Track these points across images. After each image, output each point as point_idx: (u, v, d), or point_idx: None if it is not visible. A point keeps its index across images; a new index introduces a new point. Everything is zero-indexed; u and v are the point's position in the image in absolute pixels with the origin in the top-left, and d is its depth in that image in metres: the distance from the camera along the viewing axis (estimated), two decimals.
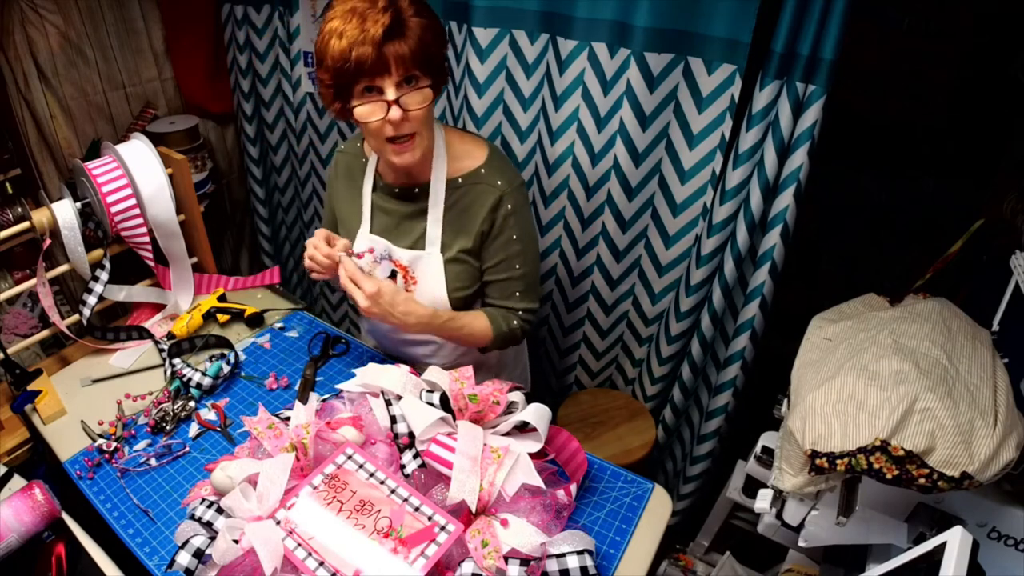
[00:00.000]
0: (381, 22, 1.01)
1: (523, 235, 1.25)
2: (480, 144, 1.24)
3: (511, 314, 1.30)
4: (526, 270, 1.27)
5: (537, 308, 1.34)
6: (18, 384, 1.36)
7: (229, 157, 2.42)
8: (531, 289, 1.31)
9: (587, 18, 1.43)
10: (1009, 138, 1.69)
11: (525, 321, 1.32)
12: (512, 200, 1.21)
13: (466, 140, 1.25)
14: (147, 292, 1.60)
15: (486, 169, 1.21)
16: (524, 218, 1.25)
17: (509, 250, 1.24)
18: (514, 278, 1.27)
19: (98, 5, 1.88)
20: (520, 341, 1.37)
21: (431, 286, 1.25)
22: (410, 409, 1.09)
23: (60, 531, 1.07)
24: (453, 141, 1.23)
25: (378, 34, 1.01)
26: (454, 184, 1.21)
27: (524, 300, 1.30)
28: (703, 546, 1.70)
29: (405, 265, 1.27)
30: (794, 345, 1.14)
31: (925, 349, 0.96)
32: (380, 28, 1.01)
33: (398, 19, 1.03)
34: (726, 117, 1.42)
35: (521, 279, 1.28)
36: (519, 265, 1.26)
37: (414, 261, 1.25)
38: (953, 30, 1.90)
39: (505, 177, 1.21)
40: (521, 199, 1.23)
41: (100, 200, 1.39)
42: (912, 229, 2.09)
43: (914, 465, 0.84)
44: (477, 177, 1.21)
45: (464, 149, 1.23)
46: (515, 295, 1.29)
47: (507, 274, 1.27)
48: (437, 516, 0.97)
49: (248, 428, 1.09)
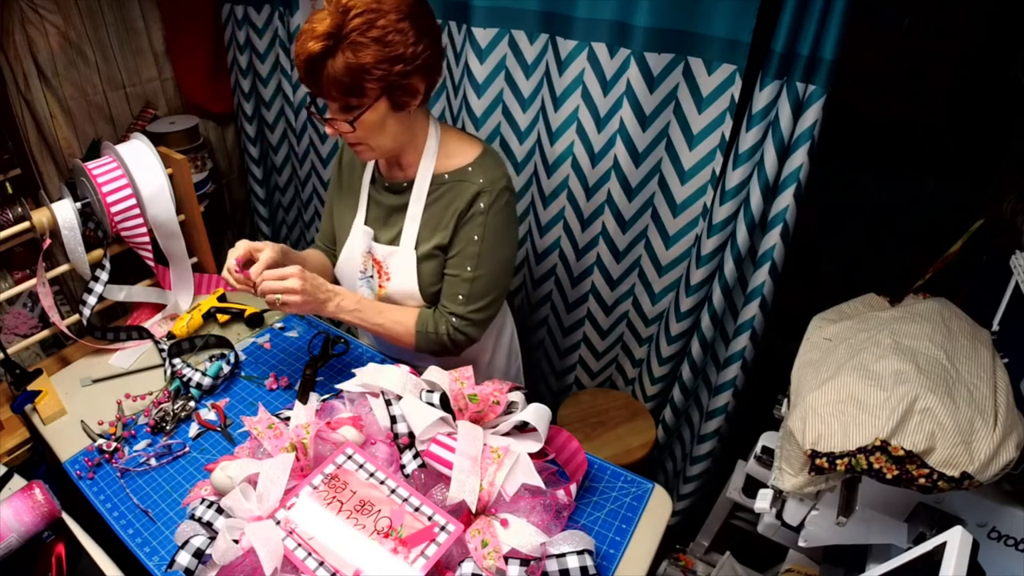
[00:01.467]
0: (308, 50, 1.03)
1: (488, 238, 1.19)
2: (475, 144, 1.24)
3: (443, 319, 1.24)
4: (477, 275, 1.20)
5: (479, 320, 1.24)
6: (18, 384, 1.36)
7: (229, 157, 2.42)
8: (477, 297, 1.22)
9: (587, 18, 1.43)
10: (1009, 138, 1.69)
11: (459, 331, 1.23)
12: (488, 199, 1.18)
13: (463, 140, 1.24)
14: (147, 292, 1.60)
15: (473, 167, 1.20)
16: (497, 222, 1.19)
17: (467, 248, 1.20)
18: (462, 279, 1.21)
19: (98, 5, 1.88)
20: (450, 352, 1.27)
21: (403, 281, 1.26)
22: (410, 409, 1.09)
23: (60, 531, 1.07)
24: (449, 140, 1.23)
25: (305, 59, 1.04)
26: (440, 180, 1.21)
27: (465, 306, 1.22)
28: (703, 546, 1.70)
29: (380, 260, 1.29)
30: (794, 345, 1.14)
31: (925, 349, 0.96)
32: (304, 56, 1.03)
33: (333, 47, 1.02)
34: (726, 117, 1.42)
35: (469, 282, 1.21)
36: (471, 267, 1.20)
37: (388, 256, 1.27)
38: (953, 30, 1.90)
39: (488, 176, 1.19)
40: (499, 202, 1.19)
41: (100, 200, 1.39)
42: (912, 229, 2.09)
43: (914, 465, 0.84)
44: (463, 174, 1.20)
45: (458, 147, 1.23)
46: (457, 297, 1.22)
47: (456, 271, 1.22)
48: (437, 516, 0.97)
49: (248, 428, 1.09)
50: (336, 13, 1.02)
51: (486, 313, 1.25)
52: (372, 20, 1.02)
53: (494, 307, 1.27)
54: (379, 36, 1.02)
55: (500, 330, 1.45)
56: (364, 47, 1.02)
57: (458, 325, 1.24)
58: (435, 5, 1.63)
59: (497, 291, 1.25)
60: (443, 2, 1.62)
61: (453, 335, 1.24)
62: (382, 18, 1.02)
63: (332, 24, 1.01)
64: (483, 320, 1.25)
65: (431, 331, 1.24)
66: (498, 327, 1.44)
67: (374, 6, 1.02)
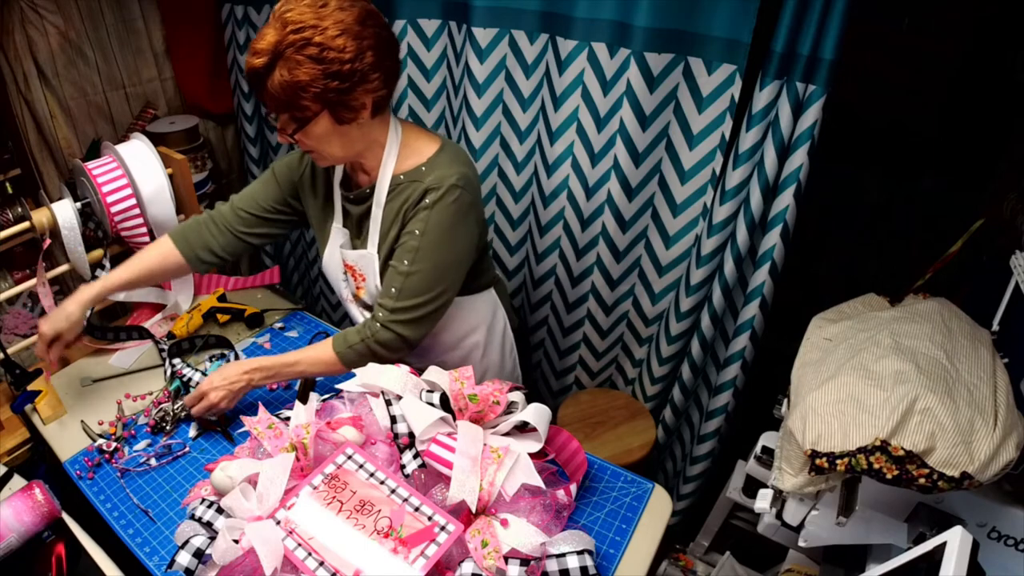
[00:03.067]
0: (250, 64, 1.04)
1: (430, 233, 1.15)
2: (433, 143, 1.21)
3: (370, 320, 1.21)
4: (413, 270, 1.16)
5: (410, 320, 1.18)
6: (18, 384, 1.36)
7: (229, 157, 2.42)
8: (410, 294, 1.17)
9: (587, 18, 1.43)
10: (1009, 138, 1.69)
11: (386, 327, 1.18)
12: (434, 195, 1.14)
13: (420, 138, 1.22)
14: (147, 292, 1.60)
15: (427, 166, 1.19)
16: (442, 218, 1.15)
17: (407, 242, 1.17)
18: (397, 271, 1.17)
19: (98, 5, 1.88)
20: (383, 357, 1.20)
21: (372, 283, 1.28)
22: (410, 409, 1.09)
23: (60, 531, 1.07)
24: (409, 140, 1.22)
25: (248, 73, 1.06)
26: (396, 182, 1.20)
27: (396, 300, 1.17)
28: (703, 546, 1.70)
29: (351, 264, 1.30)
30: (794, 345, 1.14)
31: (925, 349, 0.96)
32: (248, 70, 1.05)
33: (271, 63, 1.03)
34: (726, 117, 1.42)
35: (404, 276, 1.16)
36: (408, 262, 1.16)
37: (358, 260, 1.29)
38: (953, 30, 1.90)
39: (438, 173, 1.15)
40: (447, 198, 1.14)
41: (100, 200, 1.39)
42: (912, 229, 2.09)
43: (914, 465, 0.84)
44: (416, 174, 1.19)
45: (415, 148, 1.21)
46: (391, 291, 1.18)
47: (394, 264, 1.19)
48: (437, 516, 0.97)
49: (248, 428, 1.09)
50: (277, 28, 1.02)
51: (419, 312, 1.18)
52: (308, 38, 1.01)
53: (430, 307, 1.19)
54: (315, 54, 1.01)
55: (491, 325, 1.43)
56: (299, 64, 1.01)
57: (385, 320, 1.19)
58: (435, 5, 1.65)
59: (434, 292, 1.18)
60: (443, 2, 1.62)
61: (378, 334, 1.19)
62: (319, 35, 1.01)
63: (272, 40, 1.01)
64: (416, 319, 1.19)
65: (351, 343, 1.21)
66: (488, 322, 1.42)
67: (313, 22, 1.01)
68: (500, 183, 1.79)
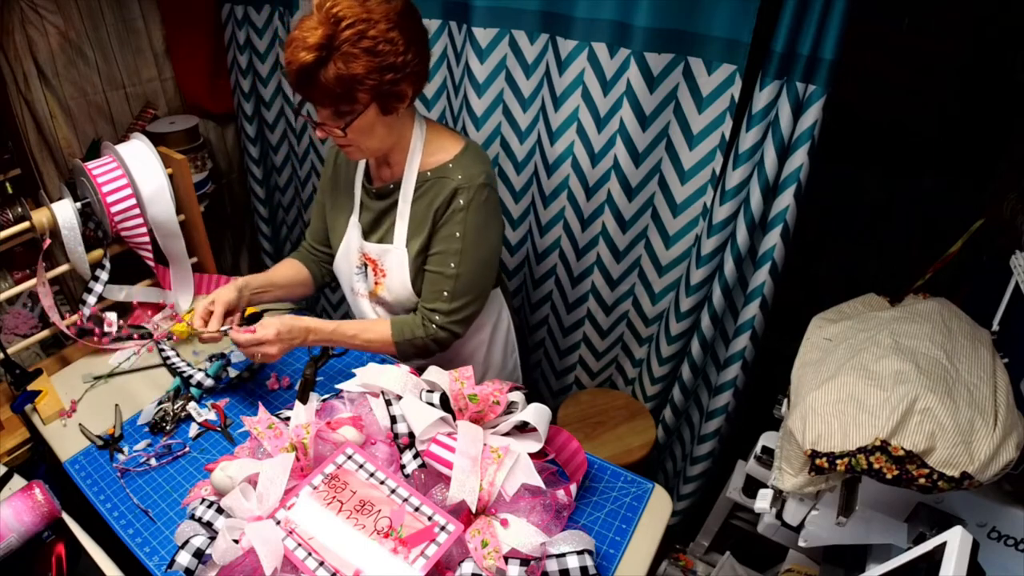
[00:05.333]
0: (300, 60, 1.03)
1: (469, 234, 1.20)
2: (457, 141, 1.25)
3: (426, 319, 1.25)
4: (461, 271, 1.22)
5: (463, 317, 1.26)
6: (18, 384, 1.36)
7: (229, 157, 2.42)
8: (462, 294, 1.24)
9: (587, 18, 1.43)
10: (1009, 138, 1.69)
11: (443, 328, 1.25)
12: (466, 196, 1.19)
13: (444, 136, 1.25)
14: (147, 292, 1.60)
15: (453, 164, 1.21)
16: (477, 218, 1.20)
17: (449, 245, 1.22)
18: (445, 276, 1.23)
19: (98, 5, 1.88)
20: (435, 351, 1.29)
21: (397, 279, 1.28)
22: (410, 409, 1.09)
23: (60, 531, 1.06)
24: (433, 137, 1.24)
25: (297, 69, 1.05)
26: (423, 178, 1.23)
27: (449, 303, 1.23)
28: (703, 546, 1.70)
29: (374, 258, 1.31)
30: (794, 345, 1.14)
31: (925, 349, 0.96)
32: (296, 66, 1.04)
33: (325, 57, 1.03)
34: (726, 117, 1.42)
35: (453, 279, 1.22)
36: (454, 264, 1.22)
37: (382, 255, 1.29)
38: (953, 30, 1.90)
39: (467, 172, 1.20)
40: (478, 198, 1.19)
41: (100, 200, 1.39)
42: (912, 229, 2.09)
43: (914, 465, 0.84)
44: (443, 171, 1.21)
45: (440, 145, 1.24)
46: (442, 294, 1.23)
47: (439, 269, 1.23)
48: (437, 516, 0.97)
49: (248, 428, 1.09)
50: (327, 23, 1.02)
51: (471, 310, 1.26)
52: (363, 31, 1.03)
53: (478, 303, 1.28)
54: (370, 47, 1.04)
55: (496, 324, 1.45)
56: (355, 58, 1.04)
57: (442, 323, 1.25)
58: (435, 5, 1.65)
59: (480, 287, 1.26)
60: (443, 2, 1.62)
61: (436, 335, 1.25)
62: (372, 28, 1.03)
63: (323, 35, 1.02)
64: (467, 317, 1.27)
65: (410, 338, 1.26)
66: (493, 321, 1.44)
67: (364, 16, 1.03)
68: (500, 183, 1.79)
